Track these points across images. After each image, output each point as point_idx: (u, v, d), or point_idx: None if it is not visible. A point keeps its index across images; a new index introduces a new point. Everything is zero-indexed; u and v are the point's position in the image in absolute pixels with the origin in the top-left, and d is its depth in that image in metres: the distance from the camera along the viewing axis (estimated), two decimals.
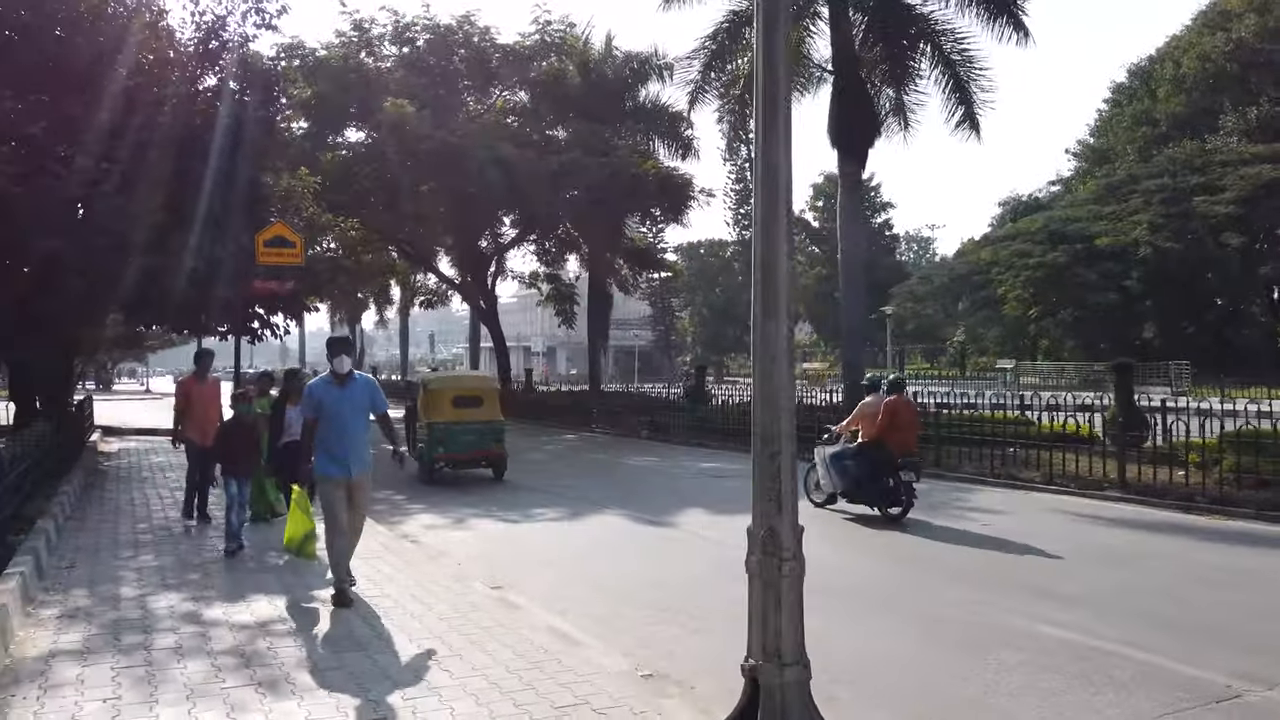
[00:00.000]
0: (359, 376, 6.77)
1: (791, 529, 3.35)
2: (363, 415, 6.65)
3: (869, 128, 21.00)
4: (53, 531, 8.10)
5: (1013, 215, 59.49)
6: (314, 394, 6.60)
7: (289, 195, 16.52)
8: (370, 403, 6.70)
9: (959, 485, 13.87)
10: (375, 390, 6.82)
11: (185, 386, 10.15)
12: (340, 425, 6.50)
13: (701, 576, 7.86)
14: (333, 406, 6.50)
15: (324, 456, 6.51)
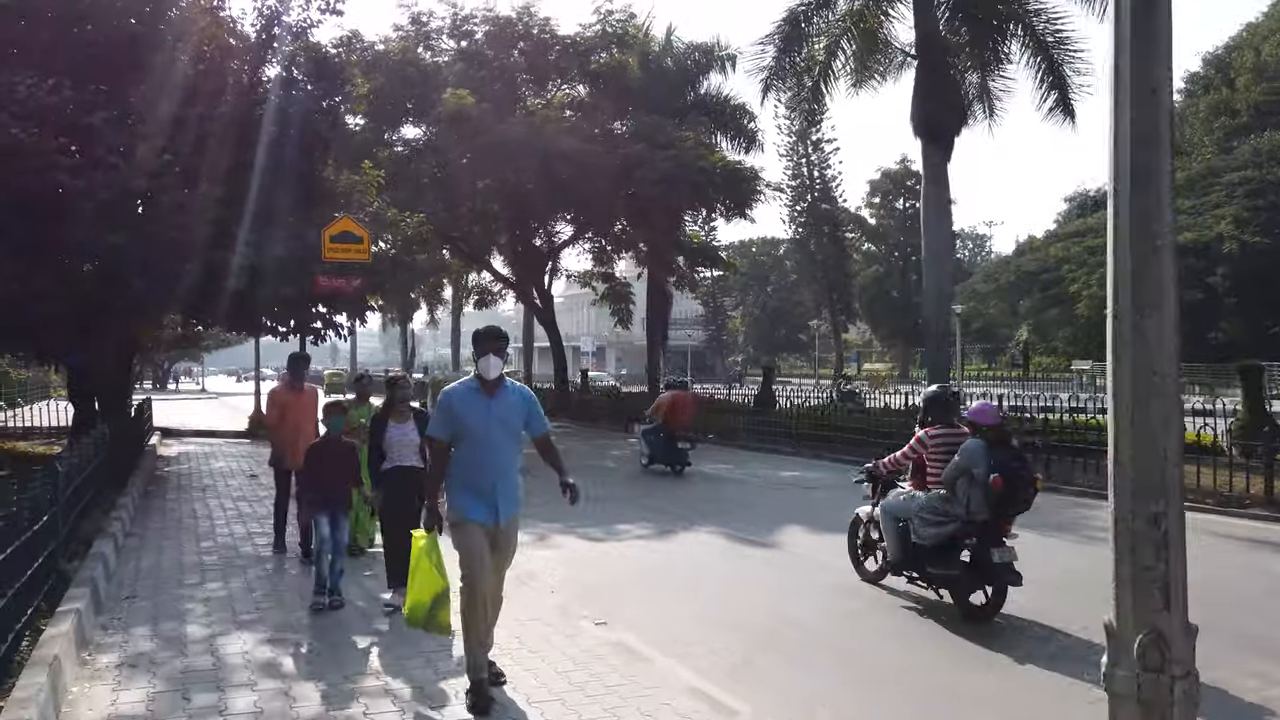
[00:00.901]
0: (511, 385, 4.98)
1: (1184, 631, 2.28)
2: (515, 437, 4.92)
3: (956, 114, 19.79)
4: (111, 554, 7.37)
5: (1080, 211, 57.40)
6: (452, 407, 4.80)
7: (350, 190, 15.85)
8: (526, 421, 4.96)
9: (1078, 501, 12.63)
10: (533, 404, 5.01)
11: (278, 396, 8.48)
12: (487, 451, 4.76)
13: (836, 612, 6.85)
14: (478, 425, 4.75)
15: (463, 493, 4.79)
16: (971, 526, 6.58)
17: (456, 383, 5.01)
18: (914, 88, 19.95)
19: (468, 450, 4.80)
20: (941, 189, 19.73)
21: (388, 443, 6.62)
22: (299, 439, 7.92)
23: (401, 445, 6.57)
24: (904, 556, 7.18)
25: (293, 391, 8.44)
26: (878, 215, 66.35)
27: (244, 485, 13.09)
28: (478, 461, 4.79)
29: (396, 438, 6.60)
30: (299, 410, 8.30)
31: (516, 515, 4.95)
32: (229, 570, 7.53)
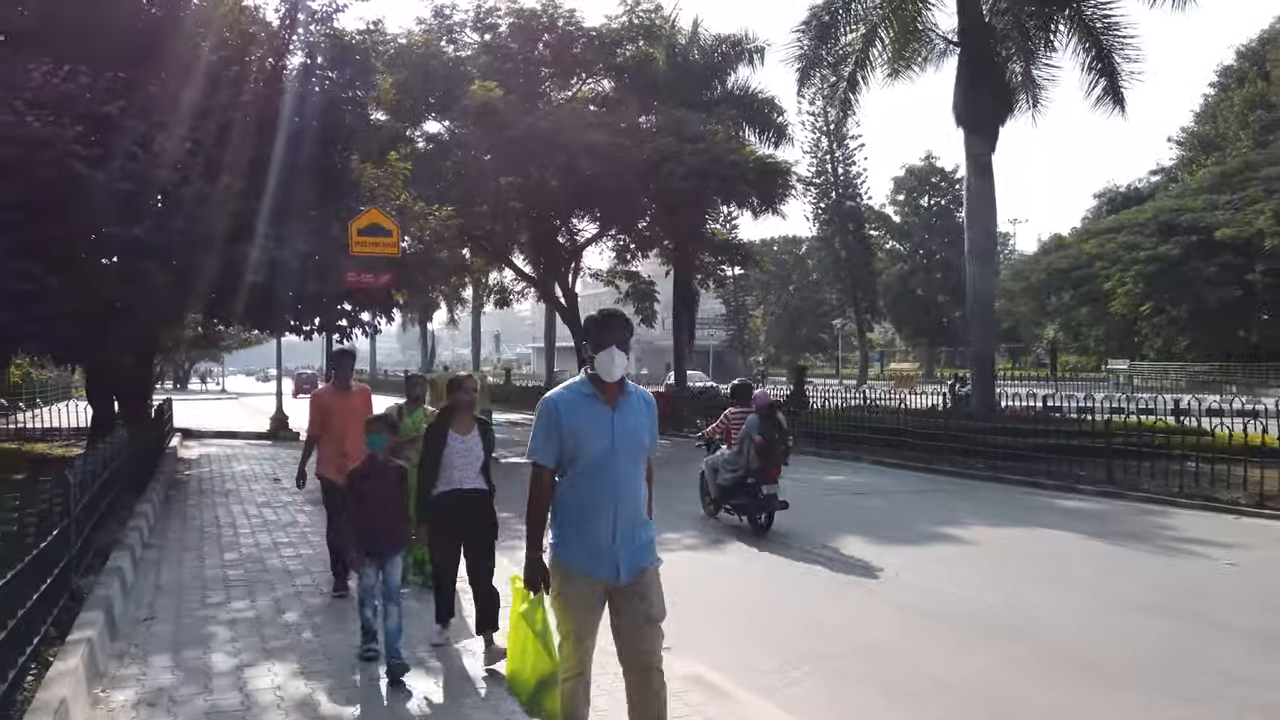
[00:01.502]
0: (635, 390, 3.70)
1: None
2: (643, 460, 3.68)
3: (1001, 103, 19.02)
4: (129, 568, 6.81)
5: (1110, 207, 56.26)
6: (560, 420, 3.54)
7: (375, 184, 15.29)
8: (651, 437, 3.73)
9: (1145, 507, 11.87)
10: (655, 415, 3.77)
11: (321, 400, 7.08)
12: (609, 480, 3.52)
13: (918, 634, 6.19)
14: (598, 445, 3.51)
15: (571, 538, 3.57)
16: (751, 473, 9.77)
17: (560, 387, 3.69)
18: (956, 76, 19.20)
19: (582, 480, 3.53)
20: (986, 181, 18.94)
21: (446, 459, 5.30)
22: (348, 449, 6.64)
23: (463, 463, 5.32)
24: (718, 495, 10.38)
25: (339, 394, 7.04)
26: (902, 213, 65.40)
27: (267, 490, 12.56)
28: (595, 496, 3.51)
29: (458, 453, 5.31)
30: (346, 415, 6.84)
31: (650, 569, 3.64)
32: (255, 586, 6.94)
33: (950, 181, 65.40)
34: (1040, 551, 9.20)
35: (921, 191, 64.97)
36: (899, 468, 16.08)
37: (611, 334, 3.54)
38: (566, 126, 22.05)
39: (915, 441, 16.72)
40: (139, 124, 11.59)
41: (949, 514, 11.20)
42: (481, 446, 5.42)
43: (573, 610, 3.57)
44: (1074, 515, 11.26)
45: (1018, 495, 13.00)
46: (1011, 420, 17.27)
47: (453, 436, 5.34)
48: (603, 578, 3.53)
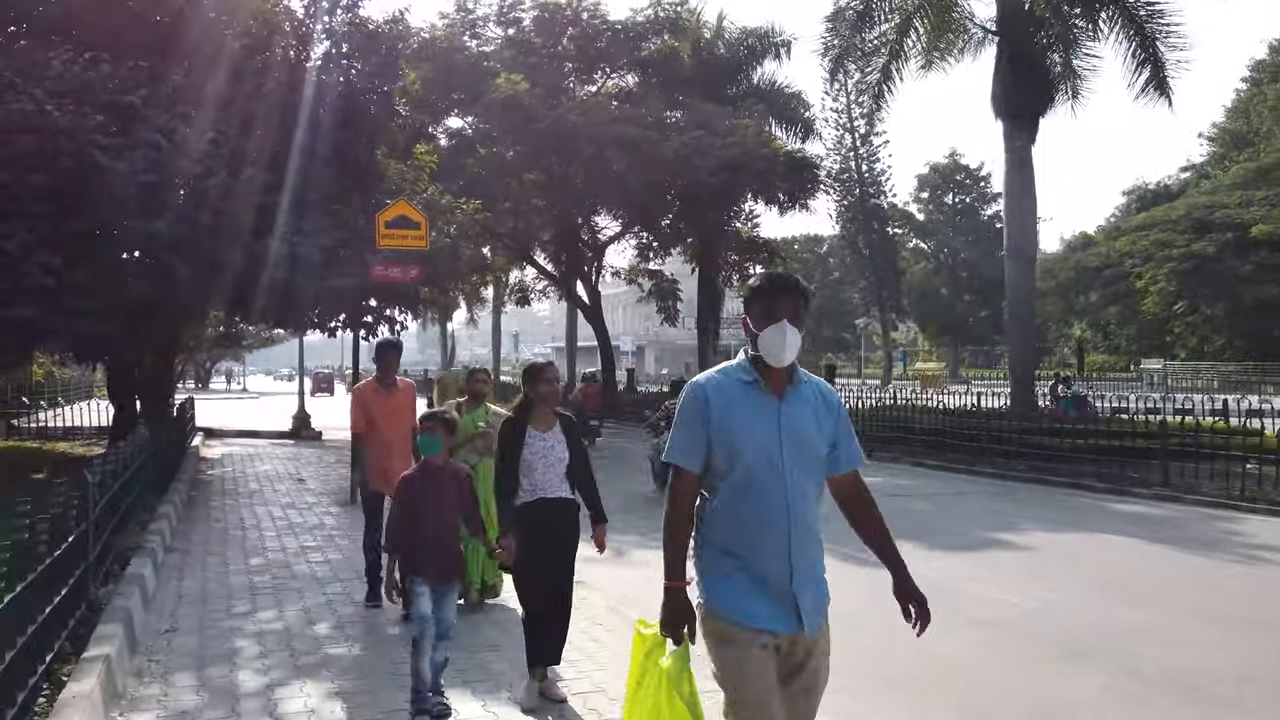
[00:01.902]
0: (808, 380, 2.82)
1: None
2: (820, 471, 2.78)
3: (1042, 94, 18.45)
4: (150, 575, 6.43)
5: (1140, 205, 55.27)
6: (710, 411, 2.68)
7: (401, 179, 14.94)
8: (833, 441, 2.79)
9: (1208, 512, 11.31)
10: (843, 414, 2.86)
11: (363, 397, 6.32)
12: (776, 494, 2.65)
13: (988, 649, 5.72)
14: (761, 446, 2.65)
15: (730, 573, 2.67)
16: None
17: (712, 370, 2.82)
18: (995, 66, 18.67)
19: (741, 496, 2.63)
20: (1026, 175, 18.38)
21: (526, 462, 4.45)
22: (392, 453, 6.05)
23: (545, 465, 4.47)
24: (660, 470, 11.22)
25: (382, 391, 6.31)
26: (926, 210, 64.57)
27: (292, 491, 12.21)
28: (761, 517, 2.62)
29: (539, 454, 4.46)
30: (390, 415, 6.20)
31: (825, 623, 2.78)
32: (283, 594, 6.55)
33: (975, 179, 64.56)
34: (1107, 559, 8.67)
35: (946, 189, 64.13)
36: (940, 469, 15.57)
37: (781, 303, 2.66)
38: (594, 119, 21.62)
39: (955, 443, 16.19)
40: (161, 114, 11.28)
41: (1001, 518, 10.69)
42: (565, 445, 4.55)
43: (745, 676, 2.56)
44: (1133, 520, 10.71)
45: (1067, 498, 12.47)
46: (1050, 420, 16.75)
47: (532, 434, 4.49)
48: (781, 629, 2.60)
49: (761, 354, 2.69)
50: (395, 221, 10.89)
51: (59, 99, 10.51)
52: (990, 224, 64.64)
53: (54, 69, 10.94)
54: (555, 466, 4.52)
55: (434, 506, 4.33)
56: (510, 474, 4.50)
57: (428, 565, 4.27)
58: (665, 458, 2.77)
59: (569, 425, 4.64)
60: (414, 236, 10.94)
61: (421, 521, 4.31)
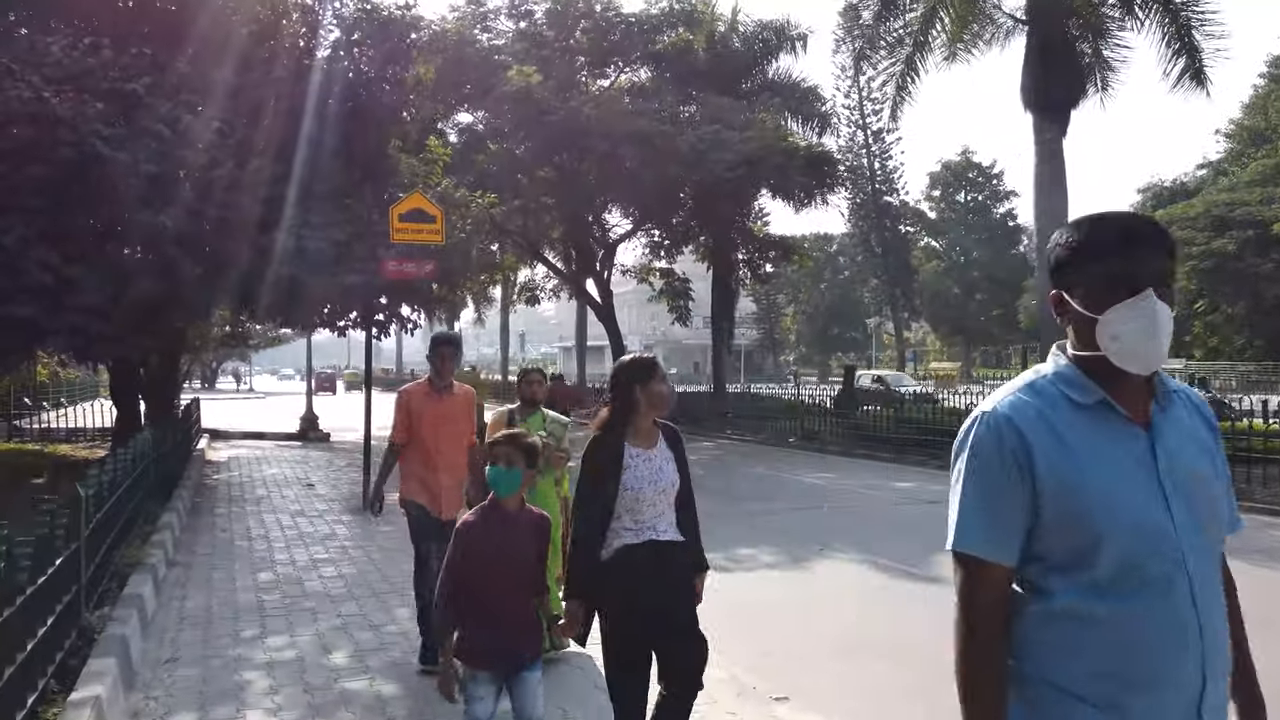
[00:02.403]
0: (1176, 388, 1.68)
1: None
2: (1221, 542, 1.64)
3: (1074, 84, 17.84)
4: (150, 595, 5.91)
5: (1155, 203, 54.50)
6: (1028, 455, 1.56)
7: (413, 174, 14.42)
8: (1228, 495, 1.68)
9: (1266, 520, 10.75)
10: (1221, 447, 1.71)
11: (409, 401, 5.13)
12: (1172, 596, 1.51)
13: None
14: (1140, 516, 1.52)
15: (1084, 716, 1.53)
16: None
17: (1011, 389, 1.67)
18: (1025, 56, 18.07)
19: (1104, 596, 1.52)
20: (1057, 168, 17.77)
21: (629, 490, 3.24)
22: (437, 465, 5.02)
23: (653, 493, 3.27)
24: None
25: (433, 395, 5.12)
26: (938, 209, 63.93)
27: (300, 496, 11.70)
28: (1142, 629, 1.51)
29: (645, 479, 3.27)
30: (439, 423, 5.06)
31: None
32: (294, 615, 6.02)
33: (988, 176, 63.92)
34: None
35: (958, 186, 63.49)
36: None
37: (1145, 262, 1.57)
38: (609, 113, 21.08)
39: None
40: (165, 103, 10.77)
41: None
42: (675, 465, 3.36)
43: None
44: None
45: None
46: None
47: (633, 452, 3.28)
48: None
49: (1109, 353, 1.56)
50: (410, 215, 10.34)
51: (58, 86, 10.02)
52: (1003, 222, 64.02)
53: (53, 55, 10.45)
54: (666, 494, 3.32)
55: (506, 567, 3.10)
56: (602, 508, 3.24)
57: (492, 652, 3.10)
58: (954, 544, 1.65)
59: (675, 440, 3.45)
60: (429, 230, 10.39)
61: (486, 588, 3.08)
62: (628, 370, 3.38)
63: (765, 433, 21.99)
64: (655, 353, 26.14)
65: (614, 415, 3.34)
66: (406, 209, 10.43)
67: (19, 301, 9.77)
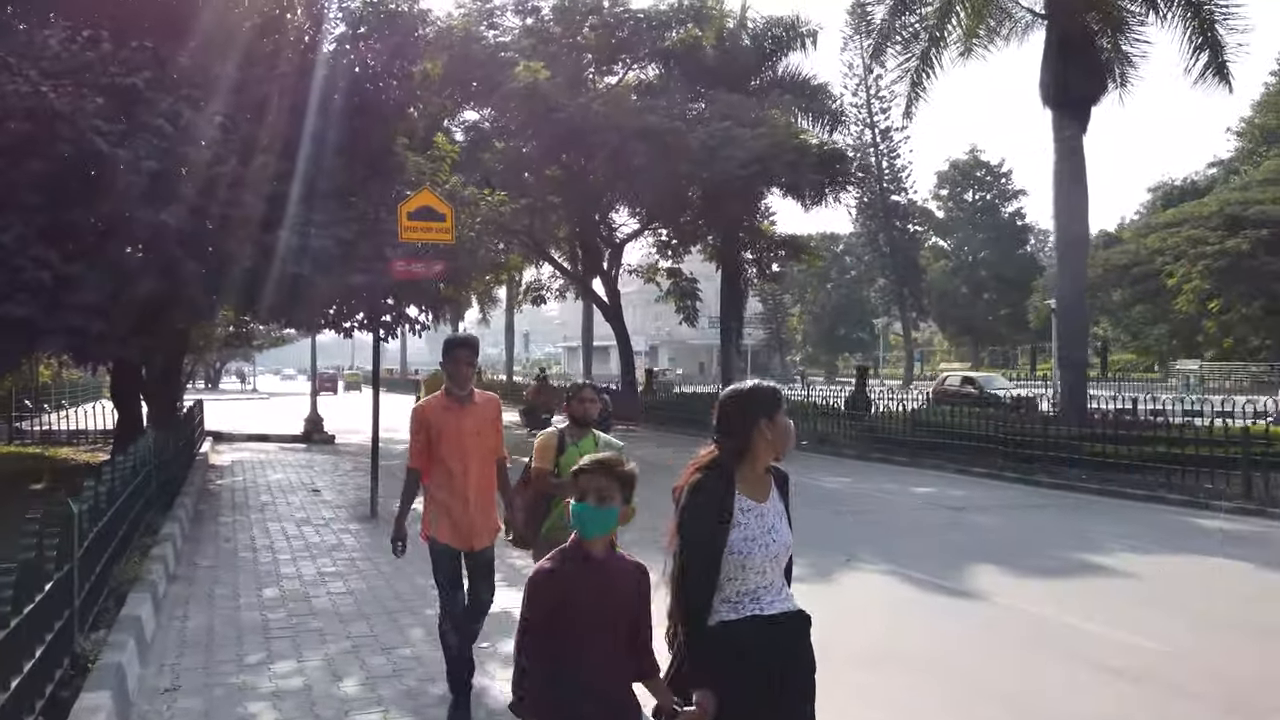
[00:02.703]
0: None
1: None
2: None
3: (1094, 80, 17.47)
4: (149, 615, 5.57)
5: (1165, 202, 54.08)
6: None
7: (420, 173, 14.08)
8: None
9: None
10: None
11: (427, 415, 4.47)
12: None
13: (1137, 704, 4.81)
14: None
15: None
16: None
17: None
18: (1044, 52, 17.73)
19: None
20: (1077, 165, 17.40)
21: (737, 553, 2.59)
22: (465, 494, 4.39)
23: (766, 557, 2.64)
24: None
25: (453, 407, 4.46)
26: (945, 208, 63.54)
27: (306, 503, 11.37)
28: None
29: (757, 537, 2.62)
30: (463, 440, 4.42)
31: None
32: (301, 637, 5.67)
33: (996, 175, 63.53)
34: (1221, 588, 7.73)
35: (966, 186, 63.10)
36: (989, 478, 14.64)
37: None
38: (618, 109, 20.73)
39: (1008, 450, 15.25)
40: (167, 98, 10.45)
41: (1081, 536, 9.76)
42: (786, 519, 2.73)
43: None
44: (1229, 539, 9.76)
45: (1142, 512, 11.53)
46: (1104, 426, 15.79)
47: (743, 507, 2.62)
48: None
49: None
50: (418, 213, 10.00)
51: (56, 81, 9.70)
52: (1011, 221, 63.61)
53: (51, 49, 10.13)
54: (778, 560, 2.66)
55: (601, 632, 2.48)
56: (707, 574, 2.57)
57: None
58: None
59: (785, 488, 2.80)
60: (439, 229, 10.05)
61: (574, 658, 2.46)
62: (748, 401, 2.66)
63: None
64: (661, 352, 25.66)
65: (725, 456, 2.65)
66: (415, 207, 10.09)
67: (17, 301, 9.44)
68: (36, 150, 9.56)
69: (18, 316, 9.48)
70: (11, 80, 9.62)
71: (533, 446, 4.58)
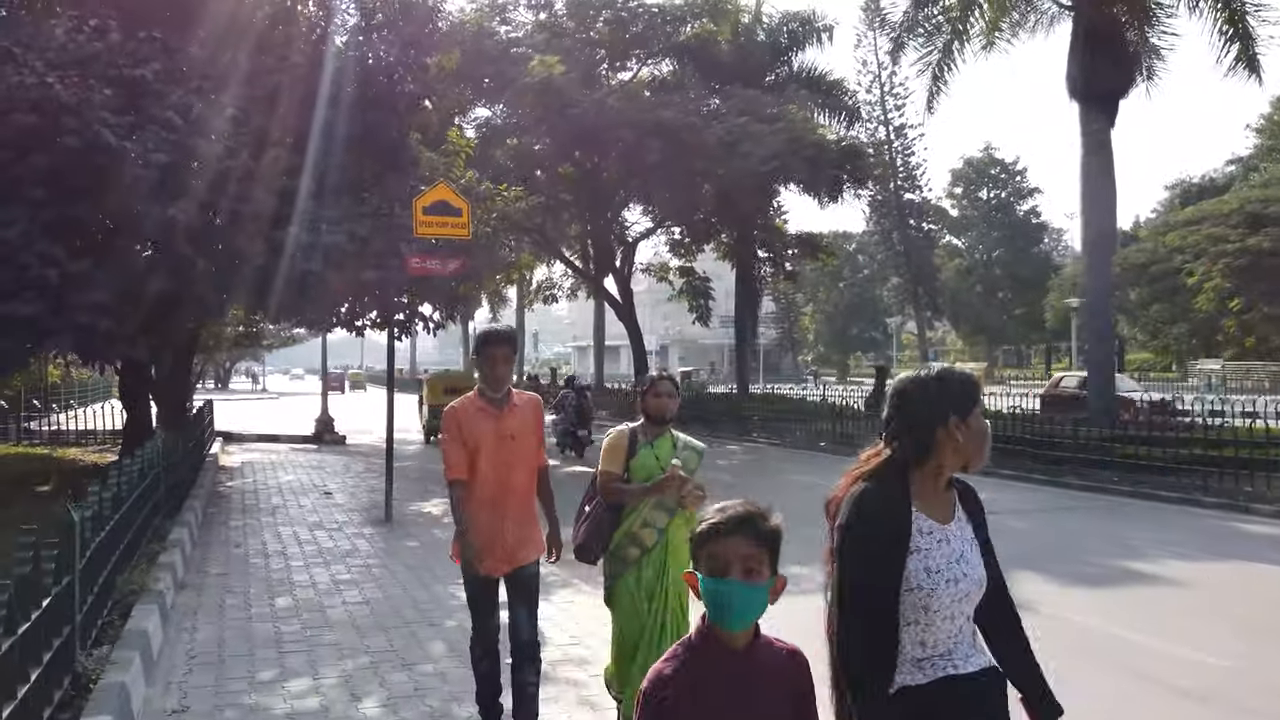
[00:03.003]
0: None
1: None
2: None
3: (1123, 72, 17.07)
4: (155, 628, 5.27)
5: (1184, 199, 53.42)
6: None
7: (434, 169, 13.78)
8: None
9: None
10: None
11: (460, 420, 3.85)
12: None
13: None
14: None
15: None
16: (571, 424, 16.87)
17: None
18: (1071, 44, 17.32)
19: None
20: (1104, 160, 16.98)
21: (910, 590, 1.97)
22: (506, 510, 3.84)
23: (955, 599, 2.00)
24: (559, 439, 16.77)
25: (489, 410, 3.85)
26: (959, 206, 62.97)
27: (318, 506, 11.08)
28: None
29: (941, 570, 2.00)
30: (503, 449, 3.83)
31: None
32: (317, 652, 5.36)
33: (1010, 173, 62.93)
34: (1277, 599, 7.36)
35: (980, 184, 62.53)
36: (1017, 479, 14.25)
37: None
38: (633, 104, 20.39)
39: (1035, 451, 14.87)
40: (177, 90, 10.17)
41: (1120, 541, 9.38)
42: (978, 547, 2.10)
43: None
44: (1276, 544, 9.38)
45: (1180, 516, 11.15)
46: (1136, 426, 15.41)
47: (922, 528, 2.03)
48: None
49: None
50: (434, 207, 9.69)
51: (62, 72, 9.42)
52: (1025, 220, 62.99)
53: (57, 39, 9.88)
54: (969, 599, 2.04)
55: None
56: (888, 626, 1.98)
57: None
58: None
59: (976, 506, 2.17)
60: (455, 224, 9.74)
61: None
62: (936, 391, 2.04)
63: (791, 435, 21.27)
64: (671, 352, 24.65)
65: (894, 464, 2.04)
66: (431, 201, 9.79)
67: (23, 299, 9.18)
68: (42, 143, 9.29)
69: (24, 315, 9.21)
70: (16, 71, 9.35)
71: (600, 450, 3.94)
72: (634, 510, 3.70)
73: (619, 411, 28.75)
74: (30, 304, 9.19)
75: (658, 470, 3.70)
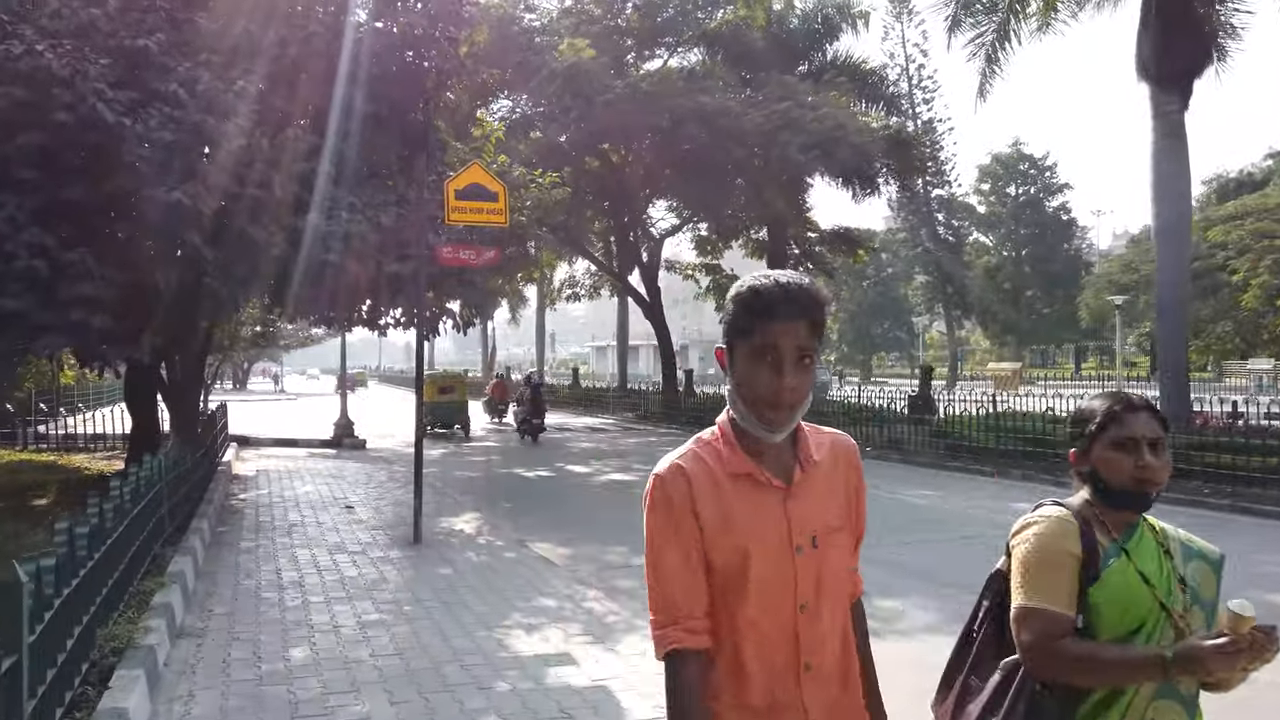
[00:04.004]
0: None
1: None
2: None
3: (1198, 52, 15.84)
4: (139, 702, 4.20)
5: (1222, 195, 51.80)
6: None
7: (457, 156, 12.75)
8: None
9: None
10: None
11: (690, 491, 1.61)
12: None
13: None
14: None
15: None
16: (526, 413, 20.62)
17: None
18: (1140, 22, 16.11)
19: None
20: (1178, 144, 15.75)
21: None
22: (801, 678, 1.59)
23: None
24: (518, 425, 21.08)
25: (755, 474, 1.62)
26: (988, 202, 61.50)
27: (339, 522, 10.06)
28: None
29: None
30: (788, 560, 1.61)
31: None
32: (337, 714, 4.29)
33: (1040, 168, 61.43)
34: None
35: (1009, 180, 61.07)
36: None
37: None
38: (667, 90, 19.28)
39: None
40: (183, 62, 9.18)
41: (1257, 565, 8.20)
42: None
43: None
44: None
45: None
46: (1215, 432, 14.19)
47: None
48: None
49: None
50: (467, 191, 8.65)
51: (54, 41, 8.46)
52: (1055, 216, 61.43)
53: (49, 5, 8.91)
54: None
55: None
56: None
57: None
58: None
59: None
60: (490, 210, 8.70)
61: None
62: None
63: None
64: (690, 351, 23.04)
65: None
66: (464, 184, 8.76)
67: (9, 292, 8.23)
68: (32, 119, 8.32)
69: (10, 310, 8.27)
70: (4, 40, 8.40)
71: (1015, 555, 2.03)
72: (1111, 703, 1.83)
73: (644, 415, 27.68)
74: (17, 298, 8.25)
75: (1156, 610, 1.84)
